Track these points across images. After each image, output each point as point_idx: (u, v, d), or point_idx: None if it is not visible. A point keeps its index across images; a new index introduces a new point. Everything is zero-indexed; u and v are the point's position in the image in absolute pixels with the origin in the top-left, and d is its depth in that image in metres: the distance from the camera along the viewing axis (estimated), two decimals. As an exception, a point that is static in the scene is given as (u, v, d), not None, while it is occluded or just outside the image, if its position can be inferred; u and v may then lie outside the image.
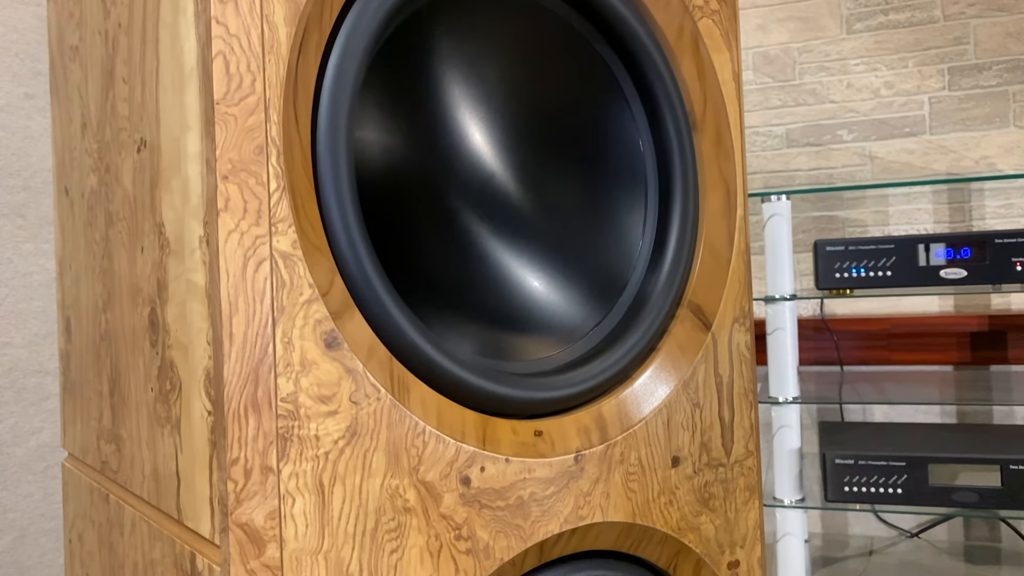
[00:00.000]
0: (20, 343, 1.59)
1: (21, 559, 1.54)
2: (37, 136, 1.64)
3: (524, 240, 0.60)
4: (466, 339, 0.55)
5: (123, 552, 0.59)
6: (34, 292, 1.62)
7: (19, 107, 1.64)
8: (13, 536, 1.53)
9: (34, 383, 1.59)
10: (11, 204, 1.60)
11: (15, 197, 1.61)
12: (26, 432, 1.56)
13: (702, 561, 0.61)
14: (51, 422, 1.59)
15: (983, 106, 1.57)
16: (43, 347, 1.61)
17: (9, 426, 1.54)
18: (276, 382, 0.43)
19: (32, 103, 1.65)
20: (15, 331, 1.58)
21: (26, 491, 1.55)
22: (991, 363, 1.56)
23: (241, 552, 0.42)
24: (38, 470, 1.57)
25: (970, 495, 1.19)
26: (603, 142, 0.62)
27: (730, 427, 0.63)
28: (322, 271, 0.45)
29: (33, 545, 1.56)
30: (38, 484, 1.56)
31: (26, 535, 1.55)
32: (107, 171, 0.60)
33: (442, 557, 0.47)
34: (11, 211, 1.60)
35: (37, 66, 1.62)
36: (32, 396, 1.58)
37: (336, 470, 0.44)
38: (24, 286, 1.61)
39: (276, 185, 0.43)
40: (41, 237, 1.64)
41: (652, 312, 0.59)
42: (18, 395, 1.57)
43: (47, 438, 1.58)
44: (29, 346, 1.60)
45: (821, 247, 1.25)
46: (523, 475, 0.51)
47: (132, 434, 0.57)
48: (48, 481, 1.57)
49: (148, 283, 0.53)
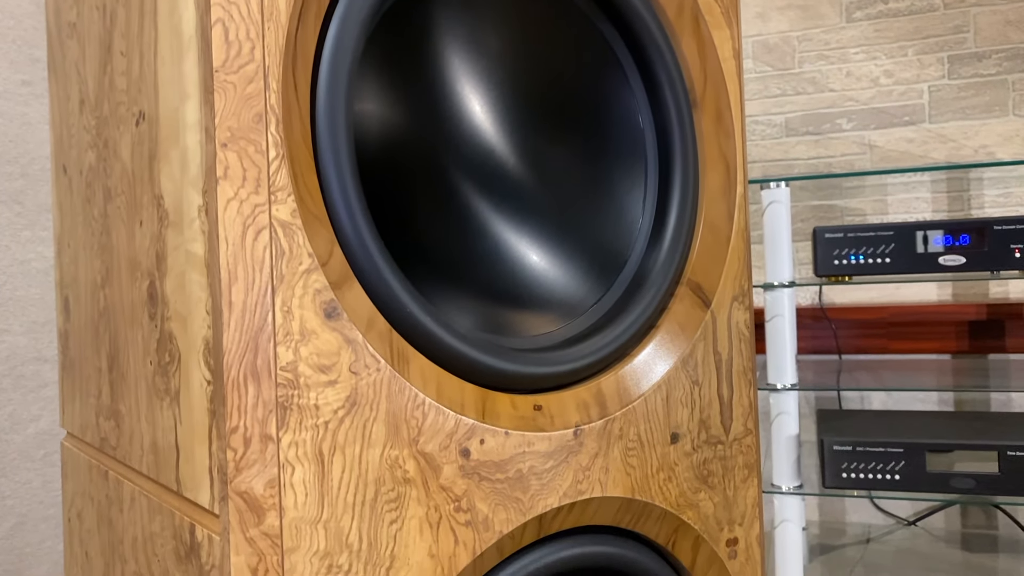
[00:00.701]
0: (18, 330, 1.58)
1: (20, 546, 1.54)
2: (35, 123, 1.64)
3: (524, 216, 0.60)
4: (465, 314, 0.55)
5: (122, 527, 0.59)
6: (32, 279, 1.61)
7: (16, 94, 1.63)
8: (12, 523, 1.53)
9: (32, 370, 1.59)
10: (9, 191, 1.59)
11: (13, 184, 1.60)
12: (25, 419, 1.56)
13: (701, 538, 0.61)
14: (50, 409, 1.59)
15: (982, 95, 1.57)
16: (41, 335, 1.60)
17: (8, 413, 1.54)
18: (275, 351, 0.43)
19: (29, 90, 1.64)
20: (13, 319, 1.58)
21: (25, 478, 1.55)
22: (989, 352, 1.56)
23: (240, 520, 0.42)
24: (37, 457, 1.57)
25: (967, 481, 1.19)
26: (603, 119, 0.61)
27: (729, 405, 0.63)
28: (321, 241, 0.45)
29: (32, 532, 1.56)
30: (37, 471, 1.57)
31: (25, 522, 1.55)
32: (105, 146, 0.60)
33: (441, 528, 0.48)
34: (9, 198, 1.59)
35: (34, 52, 1.62)
36: (31, 383, 1.58)
37: (336, 440, 0.44)
38: (22, 273, 1.60)
39: (275, 153, 0.43)
40: (39, 224, 1.63)
41: (651, 289, 0.59)
42: (16, 382, 1.57)
43: (45, 425, 1.58)
44: (27, 333, 1.59)
45: (820, 234, 1.25)
46: (522, 448, 0.51)
47: (131, 409, 0.57)
48: (47, 468, 1.57)
49: (147, 256, 0.53)
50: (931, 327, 1.59)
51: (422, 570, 0.47)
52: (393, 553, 0.46)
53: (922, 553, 1.47)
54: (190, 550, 0.47)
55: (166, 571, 0.51)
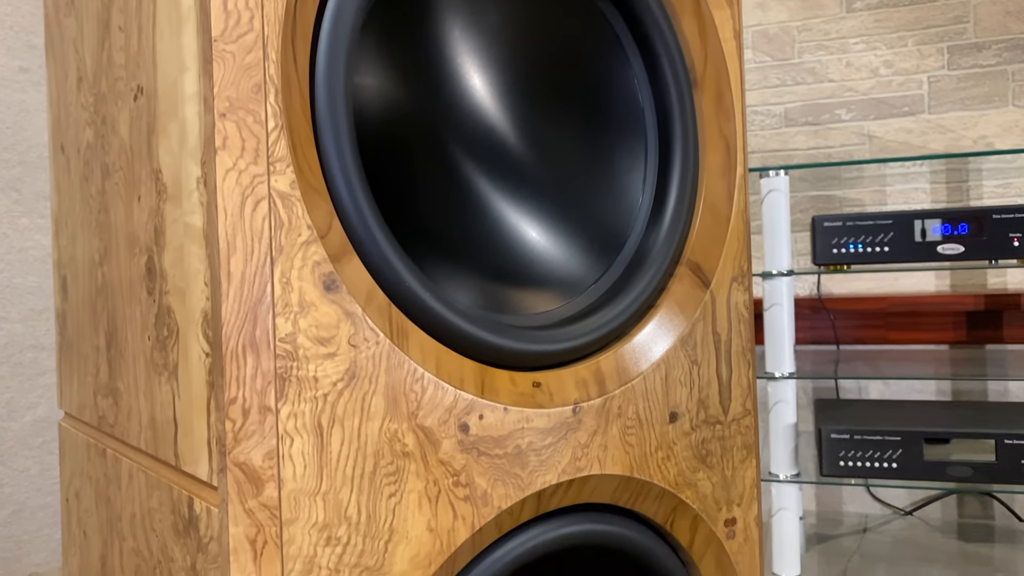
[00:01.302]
0: (16, 318, 1.58)
1: (18, 533, 1.54)
2: (32, 110, 1.63)
3: (524, 194, 0.60)
4: (465, 291, 0.55)
5: (120, 505, 0.59)
6: (30, 267, 1.61)
7: (14, 80, 1.63)
8: (10, 510, 1.53)
9: (30, 358, 1.59)
10: (6, 179, 1.59)
11: (10, 172, 1.60)
12: (22, 407, 1.56)
13: (699, 517, 0.61)
14: (47, 397, 1.59)
15: (982, 85, 1.57)
16: (39, 322, 1.60)
17: (5, 401, 1.54)
18: (274, 322, 0.43)
19: (27, 76, 1.64)
20: (11, 306, 1.57)
21: (23, 466, 1.55)
22: (987, 342, 1.56)
23: (239, 491, 0.42)
24: (35, 445, 1.57)
25: (964, 469, 1.20)
26: (603, 98, 0.61)
27: (728, 385, 0.63)
28: (320, 213, 0.45)
29: (30, 519, 1.56)
30: (35, 459, 1.56)
31: (23, 509, 1.55)
32: (103, 123, 0.60)
33: (440, 503, 0.47)
34: (7, 186, 1.59)
35: (32, 39, 1.61)
36: (28, 371, 1.58)
37: (335, 412, 0.44)
38: (20, 261, 1.60)
39: (274, 124, 0.43)
40: (37, 212, 1.63)
41: (651, 269, 0.59)
42: (14, 370, 1.56)
43: (43, 413, 1.58)
44: (25, 321, 1.59)
45: (819, 222, 1.25)
46: (521, 424, 0.51)
47: (129, 385, 0.57)
48: (45, 456, 1.57)
49: (145, 231, 0.53)
50: (929, 318, 1.59)
51: (421, 544, 0.47)
52: (392, 526, 0.46)
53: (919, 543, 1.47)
54: (188, 523, 0.47)
55: (164, 546, 0.51)
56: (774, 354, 1.26)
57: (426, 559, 0.47)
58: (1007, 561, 1.39)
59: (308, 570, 0.43)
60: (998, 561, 1.39)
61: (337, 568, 0.44)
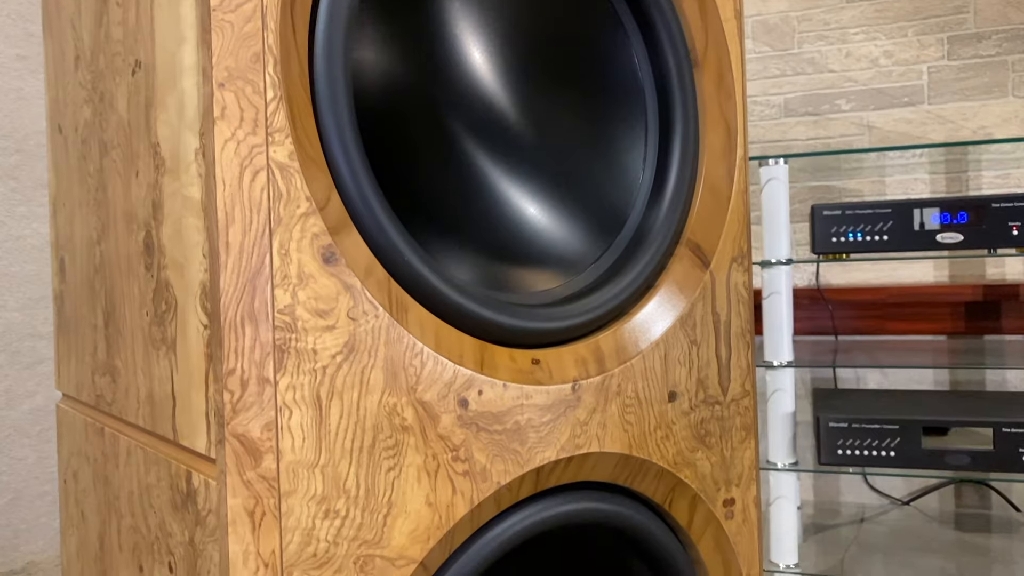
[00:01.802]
0: (14, 306, 1.58)
1: (15, 522, 1.54)
2: (30, 98, 1.63)
3: (524, 172, 0.60)
4: (464, 268, 0.55)
5: (118, 483, 0.59)
6: (28, 255, 1.61)
7: (11, 68, 1.62)
8: (7, 499, 1.53)
9: (28, 347, 1.58)
10: (4, 167, 1.58)
11: (8, 160, 1.59)
12: (20, 395, 1.56)
13: (698, 497, 0.61)
14: (45, 386, 1.59)
15: (982, 76, 1.56)
16: (37, 311, 1.60)
17: (3, 389, 1.53)
18: (273, 293, 0.42)
19: (24, 64, 1.63)
20: (8, 294, 1.57)
21: (20, 454, 1.55)
22: (985, 333, 1.56)
23: (237, 463, 0.42)
24: (32, 433, 1.56)
25: (962, 458, 1.20)
26: (604, 76, 0.61)
27: (727, 365, 0.63)
28: (319, 186, 0.44)
29: (27, 508, 1.56)
30: (32, 447, 1.56)
31: (20, 498, 1.55)
32: (101, 100, 0.60)
33: (439, 477, 0.47)
34: (4, 174, 1.58)
35: (29, 27, 1.60)
36: (26, 359, 1.58)
37: (334, 385, 0.44)
38: (18, 249, 1.60)
39: (273, 94, 0.43)
40: (35, 200, 1.62)
41: (651, 249, 0.59)
42: (12, 358, 1.56)
43: (41, 402, 1.58)
44: (23, 309, 1.59)
45: (818, 211, 1.25)
46: (520, 401, 0.51)
47: (127, 363, 0.57)
48: (42, 444, 1.57)
49: (143, 206, 0.53)
50: (927, 308, 1.59)
51: (420, 518, 0.46)
52: (391, 500, 0.46)
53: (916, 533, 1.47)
54: (186, 497, 0.47)
55: (162, 522, 0.51)
56: (773, 343, 1.26)
57: (425, 533, 0.47)
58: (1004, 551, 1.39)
59: (307, 542, 0.43)
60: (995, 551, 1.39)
61: (336, 541, 0.44)
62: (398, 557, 0.46)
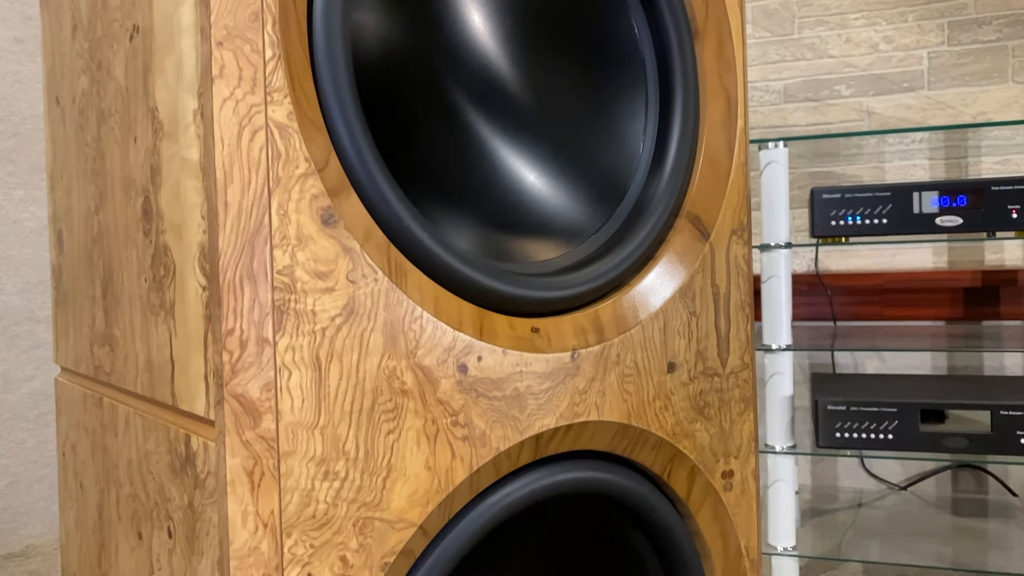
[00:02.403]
0: (11, 290, 1.57)
1: (14, 505, 1.54)
2: (27, 82, 1.62)
3: (525, 141, 0.59)
4: (464, 236, 0.55)
5: (117, 452, 0.59)
6: (25, 239, 1.60)
7: (8, 51, 1.61)
8: (6, 482, 1.53)
9: (26, 330, 1.58)
10: (1, 150, 1.58)
11: (5, 143, 1.59)
12: (19, 379, 1.56)
13: (696, 468, 0.61)
14: (43, 370, 1.59)
15: (982, 61, 1.56)
16: (35, 295, 1.60)
17: (1, 373, 1.53)
18: (272, 254, 0.42)
19: (22, 47, 1.62)
20: (6, 278, 1.57)
21: (19, 438, 1.55)
22: (983, 318, 1.56)
23: (236, 423, 0.42)
24: (31, 417, 1.56)
25: (960, 441, 1.20)
26: (605, 46, 0.61)
27: (726, 338, 0.63)
28: (318, 147, 0.44)
29: (26, 492, 1.56)
30: (31, 431, 1.56)
31: (19, 481, 1.55)
32: (99, 68, 0.59)
33: (439, 442, 0.47)
34: (1, 158, 1.58)
35: (26, 10, 1.60)
36: (24, 343, 1.57)
37: (333, 347, 0.44)
38: (15, 233, 1.59)
39: (272, 54, 0.42)
40: (32, 184, 1.62)
41: (651, 220, 0.59)
42: (10, 342, 1.56)
43: (39, 386, 1.58)
44: (21, 293, 1.59)
45: (817, 194, 1.25)
46: (520, 368, 0.51)
47: (125, 331, 0.57)
48: (41, 429, 1.57)
49: (141, 172, 0.52)
50: (926, 294, 1.59)
51: (419, 481, 0.46)
52: (390, 463, 0.46)
53: (913, 517, 1.48)
54: (185, 461, 0.47)
55: (161, 487, 0.51)
56: (771, 326, 1.26)
57: (424, 497, 0.47)
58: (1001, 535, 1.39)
59: (306, 503, 0.43)
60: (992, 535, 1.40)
61: (335, 502, 0.44)
62: (397, 520, 0.46)
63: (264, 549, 0.42)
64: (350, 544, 0.44)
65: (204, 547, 0.45)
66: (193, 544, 0.46)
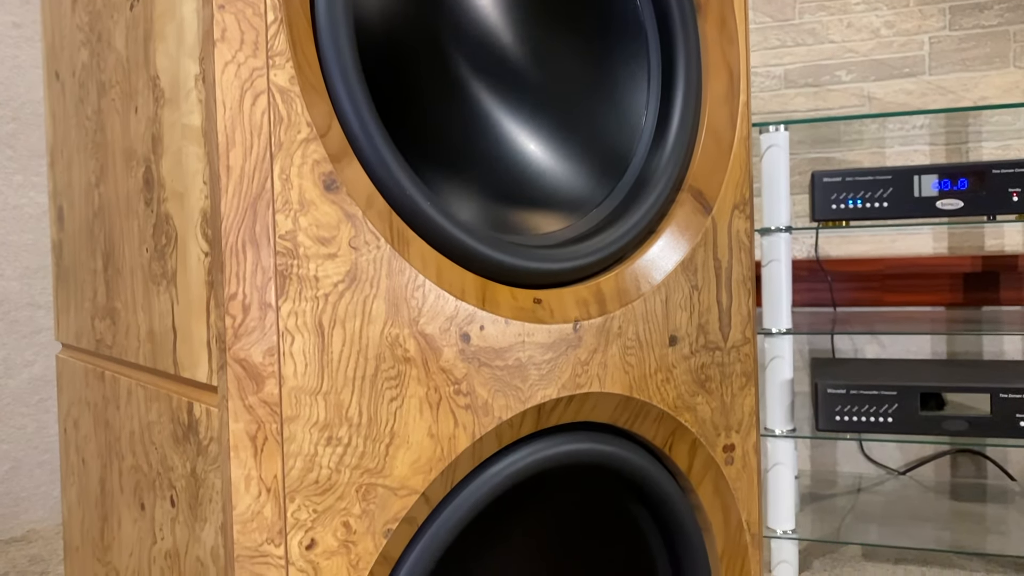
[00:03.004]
0: (11, 276, 1.57)
1: (15, 490, 1.55)
2: (25, 67, 1.61)
3: (528, 112, 0.59)
4: (466, 207, 0.55)
5: (119, 424, 0.59)
6: (25, 225, 1.60)
7: (7, 36, 1.60)
8: (7, 467, 1.53)
9: (26, 316, 1.58)
10: (0, 135, 1.57)
11: (4, 128, 1.58)
12: (19, 365, 1.56)
13: (698, 441, 0.61)
14: (44, 355, 1.59)
15: (983, 46, 1.56)
16: (35, 280, 1.59)
17: (1, 358, 1.53)
18: (274, 219, 0.42)
19: (20, 32, 1.62)
20: (6, 264, 1.56)
21: (20, 423, 1.55)
22: (983, 304, 1.57)
23: (239, 387, 0.42)
24: (31, 403, 1.56)
25: (959, 424, 1.20)
26: (608, 19, 0.61)
27: (728, 312, 0.63)
28: (320, 112, 0.44)
29: (27, 477, 1.56)
30: (31, 416, 1.56)
31: (20, 466, 1.55)
32: (99, 40, 0.59)
33: (441, 410, 0.47)
34: (0, 143, 1.57)
35: (24, -6, 1.59)
36: (24, 329, 1.57)
37: (336, 313, 0.44)
38: (15, 218, 1.59)
39: (273, 17, 0.42)
40: (31, 169, 1.61)
41: (653, 193, 0.59)
42: (10, 328, 1.56)
43: (39, 371, 1.58)
44: (21, 279, 1.58)
45: (818, 178, 1.25)
46: (522, 338, 0.51)
47: (127, 302, 0.56)
48: (41, 414, 1.57)
49: (142, 142, 0.52)
50: (926, 279, 1.59)
51: (421, 449, 0.47)
52: (393, 430, 0.46)
53: (912, 502, 1.48)
54: (188, 429, 0.47)
55: (164, 457, 0.51)
56: (771, 310, 1.26)
57: (427, 464, 0.47)
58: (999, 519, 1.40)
59: (309, 468, 0.43)
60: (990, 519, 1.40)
61: (338, 468, 0.44)
62: (400, 487, 0.46)
63: (267, 514, 0.42)
64: (353, 510, 0.44)
65: (207, 513, 0.45)
66: (196, 511, 0.46)
